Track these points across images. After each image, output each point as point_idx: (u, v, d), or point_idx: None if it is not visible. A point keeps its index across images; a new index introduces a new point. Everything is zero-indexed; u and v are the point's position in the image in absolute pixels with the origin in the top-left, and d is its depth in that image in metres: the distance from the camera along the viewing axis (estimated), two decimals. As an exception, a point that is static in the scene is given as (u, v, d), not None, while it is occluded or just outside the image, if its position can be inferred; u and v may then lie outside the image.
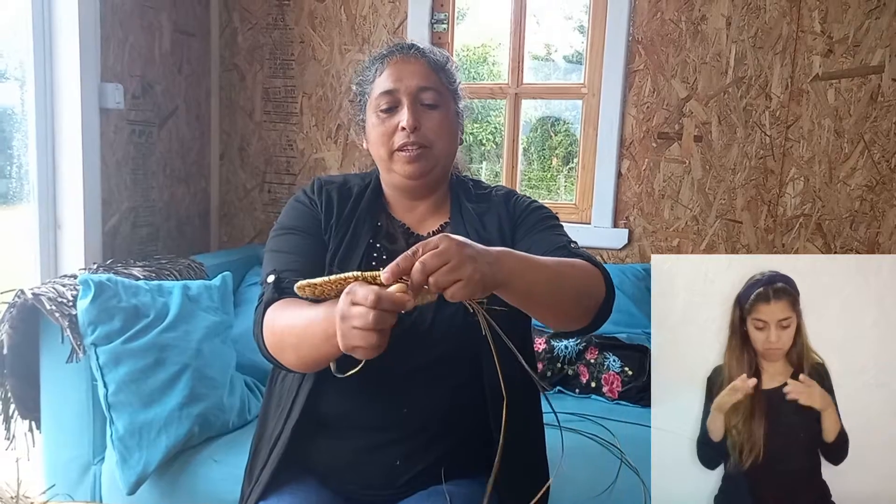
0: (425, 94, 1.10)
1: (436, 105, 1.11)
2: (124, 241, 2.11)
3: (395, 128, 1.09)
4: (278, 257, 1.09)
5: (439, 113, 1.11)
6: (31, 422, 1.62)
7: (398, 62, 1.12)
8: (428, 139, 1.10)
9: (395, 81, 1.10)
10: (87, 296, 1.48)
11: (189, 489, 1.48)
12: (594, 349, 1.94)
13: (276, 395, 1.13)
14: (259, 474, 1.08)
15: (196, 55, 2.42)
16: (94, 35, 1.92)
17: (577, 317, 0.96)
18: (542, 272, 0.88)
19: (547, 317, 0.95)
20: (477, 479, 1.09)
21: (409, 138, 1.08)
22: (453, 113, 1.15)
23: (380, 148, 1.11)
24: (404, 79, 1.10)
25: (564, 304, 0.93)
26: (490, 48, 3.70)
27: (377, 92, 1.11)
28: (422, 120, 1.09)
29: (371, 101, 1.13)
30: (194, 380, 1.55)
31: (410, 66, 1.11)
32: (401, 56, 1.13)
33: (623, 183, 2.28)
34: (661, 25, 2.19)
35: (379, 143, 1.11)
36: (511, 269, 0.83)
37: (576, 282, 0.93)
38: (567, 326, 0.99)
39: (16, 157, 1.91)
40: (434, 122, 1.10)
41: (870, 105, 2.06)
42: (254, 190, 2.59)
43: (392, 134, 1.09)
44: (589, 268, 0.98)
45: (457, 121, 1.16)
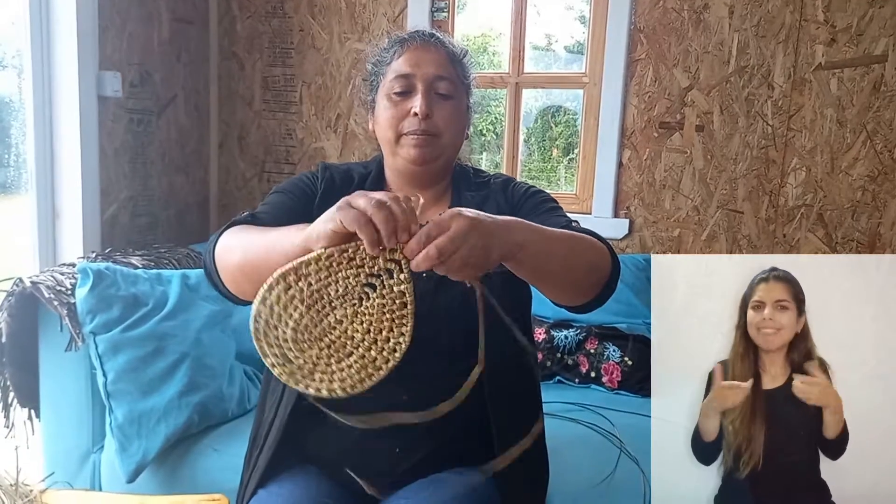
0: (441, 83, 1.10)
1: (450, 96, 1.11)
2: (123, 229, 2.10)
3: (406, 112, 1.09)
4: (259, 208, 1.08)
5: (452, 104, 1.11)
6: (31, 410, 1.62)
7: (417, 48, 1.12)
8: (438, 128, 1.10)
9: (412, 66, 1.10)
10: (85, 284, 1.48)
11: (188, 478, 1.48)
12: (594, 339, 1.94)
13: (272, 381, 1.12)
14: (257, 460, 1.08)
15: (195, 43, 2.41)
16: (92, 23, 1.90)
17: (585, 290, 0.96)
18: (553, 243, 0.88)
19: (556, 289, 0.94)
20: (476, 467, 1.09)
21: (420, 125, 1.08)
22: (464, 106, 1.16)
23: (388, 130, 1.11)
24: (422, 65, 1.10)
25: (574, 275, 0.93)
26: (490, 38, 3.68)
27: (392, 75, 1.11)
28: (434, 108, 1.09)
29: (385, 83, 1.13)
30: (193, 369, 1.54)
31: (429, 53, 1.11)
32: (421, 42, 1.12)
33: (624, 173, 2.27)
34: (664, 14, 2.17)
35: (388, 125, 1.11)
36: (523, 238, 0.82)
37: (585, 254, 0.93)
38: (575, 300, 0.98)
39: (14, 145, 1.90)
40: (446, 112, 1.10)
41: (872, 95, 2.05)
42: (253, 179, 2.58)
43: (402, 118, 1.09)
44: (595, 242, 0.98)
45: (466, 114, 1.17)
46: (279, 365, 0.76)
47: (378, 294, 0.77)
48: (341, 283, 0.77)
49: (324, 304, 0.77)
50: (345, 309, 0.77)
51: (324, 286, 0.77)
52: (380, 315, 0.78)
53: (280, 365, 0.76)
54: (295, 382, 0.77)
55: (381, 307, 0.77)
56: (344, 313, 0.77)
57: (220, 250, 0.96)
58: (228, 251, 0.95)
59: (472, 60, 1.19)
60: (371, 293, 0.77)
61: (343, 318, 0.77)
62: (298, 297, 0.76)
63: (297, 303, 0.76)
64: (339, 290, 0.77)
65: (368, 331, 0.78)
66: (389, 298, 0.77)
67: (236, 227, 0.98)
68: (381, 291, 0.77)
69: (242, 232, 0.96)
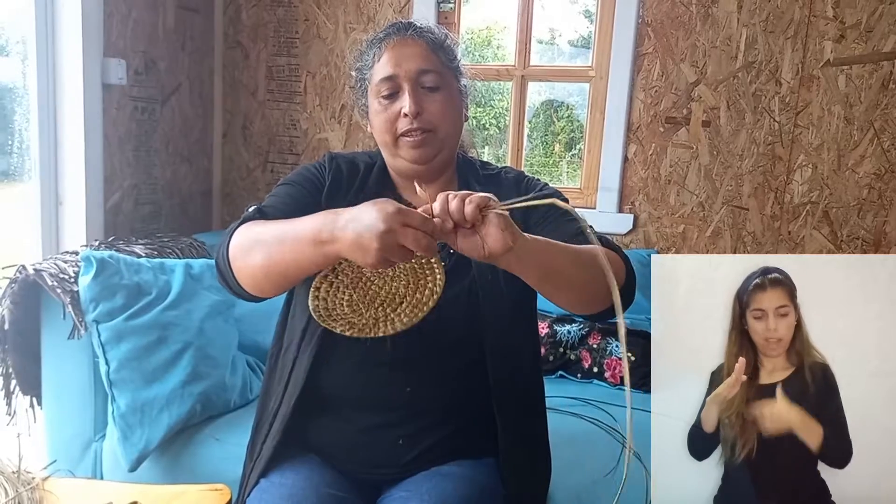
0: (426, 76, 1.08)
1: (437, 87, 1.09)
2: (126, 218, 2.09)
3: (397, 114, 1.07)
4: (266, 201, 1.08)
5: (441, 95, 1.09)
6: (33, 398, 1.62)
7: (396, 45, 1.09)
8: (431, 123, 1.08)
9: (394, 66, 1.08)
10: (88, 272, 1.47)
11: (190, 467, 1.48)
12: (597, 334, 1.94)
13: (277, 370, 1.12)
14: (260, 449, 1.08)
15: (199, 32, 2.40)
16: (97, 10, 1.89)
17: (589, 299, 0.95)
18: (559, 252, 0.89)
19: (563, 298, 0.94)
20: (480, 459, 1.09)
21: (413, 124, 1.06)
22: (456, 92, 1.13)
23: (384, 134, 1.10)
24: (403, 63, 1.08)
25: (580, 284, 0.92)
26: (495, 31, 3.67)
27: (377, 78, 1.09)
28: (424, 104, 1.07)
29: (372, 87, 1.11)
30: (196, 358, 1.54)
31: (409, 48, 1.09)
32: (398, 38, 1.10)
33: (629, 168, 2.26)
34: (672, 8, 2.16)
35: (383, 129, 1.09)
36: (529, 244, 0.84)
37: (591, 266, 0.93)
38: (584, 309, 0.98)
39: (17, 132, 1.89)
40: (436, 106, 1.08)
41: (881, 92, 2.04)
42: (256, 169, 2.57)
43: (395, 120, 1.08)
44: (609, 253, 0.98)
45: (460, 99, 1.14)
46: (348, 329, 0.93)
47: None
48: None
49: (364, 281, 0.93)
50: (382, 278, 0.93)
51: (359, 273, 0.93)
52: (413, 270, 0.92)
53: (349, 329, 0.93)
54: (366, 334, 0.93)
55: (411, 266, 0.92)
56: (383, 280, 0.93)
57: (235, 251, 0.96)
58: (245, 251, 0.95)
59: (455, 41, 1.16)
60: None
61: (384, 283, 0.93)
62: (343, 285, 0.92)
63: (343, 288, 0.92)
64: (372, 272, 0.92)
65: (408, 283, 0.93)
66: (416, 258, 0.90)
67: (247, 225, 0.98)
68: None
69: (255, 229, 0.96)
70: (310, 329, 1.06)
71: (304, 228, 0.87)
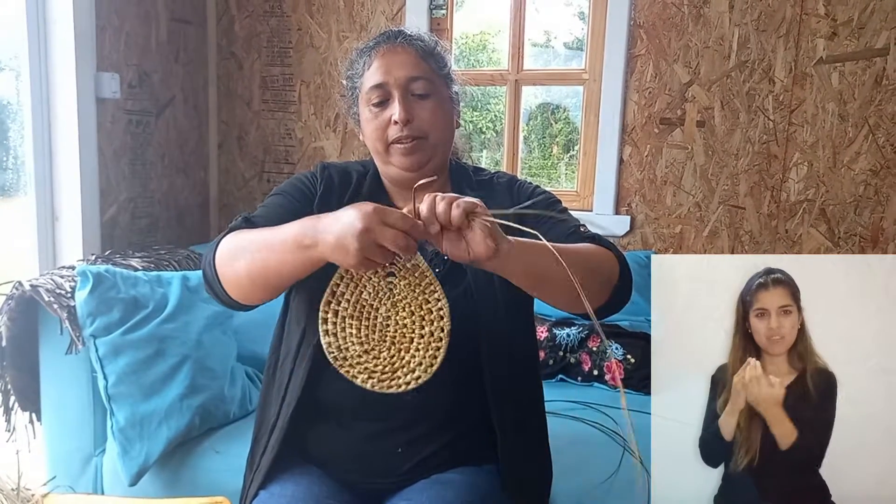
0: (415, 84, 1.08)
1: (427, 94, 1.09)
2: (123, 231, 2.09)
3: (388, 122, 1.08)
4: (256, 211, 1.09)
5: (431, 102, 1.09)
6: (32, 414, 1.61)
7: (385, 53, 1.10)
8: (422, 130, 1.08)
9: (384, 74, 1.08)
10: (85, 287, 1.47)
11: (191, 480, 1.48)
12: (596, 337, 1.94)
13: (275, 382, 1.12)
14: (259, 461, 1.08)
15: (193, 43, 2.40)
16: (90, 24, 1.90)
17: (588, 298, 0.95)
18: (547, 254, 0.88)
19: (555, 299, 0.94)
20: (480, 466, 1.08)
21: (403, 131, 1.07)
22: (446, 99, 1.13)
23: (375, 142, 1.10)
24: (392, 70, 1.08)
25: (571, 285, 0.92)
26: (489, 35, 3.67)
27: (367, 86, 1.10)
28: (414, 111, 1.07)
29: (362, 95, 1.12)
30: (195, 371, 1.54)
31: (398, 56, 1.09)
32: (388, 46, 1.11)
33: (625, 169, 2.26)
34: (663, 9, 2.16)
35: (374, 137, 1.10)
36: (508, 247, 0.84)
37: (586, 263, 0.92)
38: (579, 308, 0.98)
39: (12, 148, 1.89)
40: (427, 113, 1.08)
41: (874, 88, 2.04)
42: (253, 179, 2.57)
43: (386, 128, 1.08)
44: (600, 250, 0.97)
45: (451, 106, 1.15)
46: (370, 380, 0.90)
47: (400, 277, 0.89)
48: (368, 285, 0.90)
49: (368, 310, 0.91)
50: (384, 305, 0.90)
51: (358, 294, 0.90)
52: (412, 294, 0.89)
53: (370, 380, 0.90)
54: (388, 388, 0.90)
55: (409, 287, 0.89)
56: (387, 309, 0.90)
57: (221, 258, 0.96)
58: (230, 258, 0.95)
59: (446, 49, 1.17)
60: (394, 280, 0.89)
61: (389, 314, 0.90)
62: (346, 314, 0.90)
63: (349, 319, 0.90)
64: (371, 292, 0.90)
65: (412, 312, 0.90)
66: (410, 276, 0.89)
67: (233, 234, 0.98)
68: (402, 274, 0.89)
69: (241, 237, 0.96)
70: (305, 341, 1.06)
71: (287, 234, 0.88)
